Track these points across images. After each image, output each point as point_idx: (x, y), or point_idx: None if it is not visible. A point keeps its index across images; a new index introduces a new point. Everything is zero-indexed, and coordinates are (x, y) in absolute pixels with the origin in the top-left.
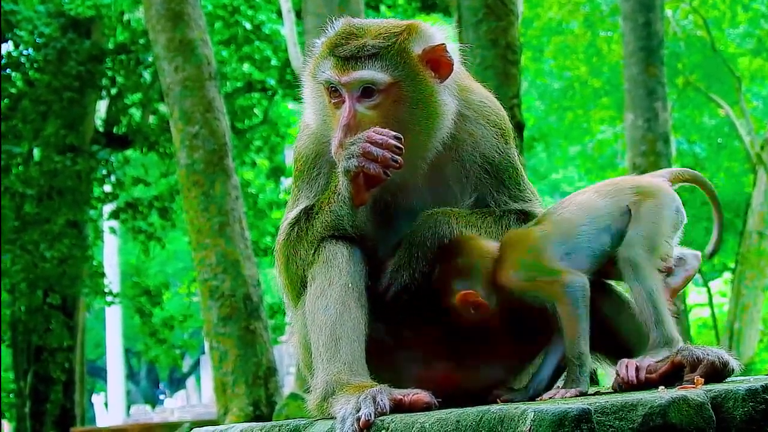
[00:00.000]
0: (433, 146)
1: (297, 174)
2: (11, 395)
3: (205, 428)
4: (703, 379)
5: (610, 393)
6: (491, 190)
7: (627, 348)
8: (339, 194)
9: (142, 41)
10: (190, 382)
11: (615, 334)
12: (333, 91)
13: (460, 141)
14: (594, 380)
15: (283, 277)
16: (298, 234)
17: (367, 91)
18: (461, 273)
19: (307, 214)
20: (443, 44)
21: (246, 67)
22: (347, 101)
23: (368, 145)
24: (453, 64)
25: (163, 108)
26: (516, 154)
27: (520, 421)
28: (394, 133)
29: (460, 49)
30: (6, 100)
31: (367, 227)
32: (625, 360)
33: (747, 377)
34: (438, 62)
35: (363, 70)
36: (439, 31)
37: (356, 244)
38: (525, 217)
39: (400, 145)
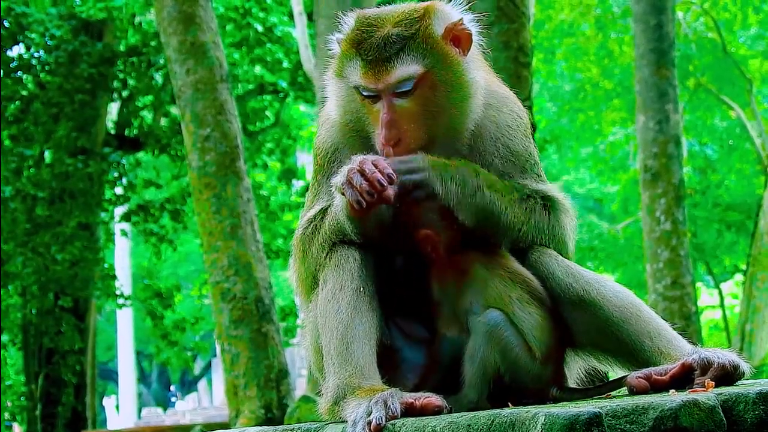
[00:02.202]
0: (469, 127)
1: (317, 168)
2: (22, 398)
3: (216, 431)
4: (713, 383)
5: (621, 396)
6: (516, 175)
7: (636, 350)
8: (337, 203)
9: (153, 43)
10: (202, 384)
11: (622, 338)
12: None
13: (483, 128)
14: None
15: (297, 271)
16: (312, 231)
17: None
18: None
19: (323, 213)
20: (461, 19)
21: (258, 69)
22: (384, 99)
23: (355, 172)
24: (472, 35)
25: (174, 110)
26: (535, 148)
27: (531, 425)
28: (389, 171)
29: (477, 19)
30: (17, 103)
31: (377, 233)
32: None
33: (758, 380)
34: (459, 38)
35: (396, 70)
36: (455, 8)
37: (369, 248)
38: (548, 202)
39: (385, 183)
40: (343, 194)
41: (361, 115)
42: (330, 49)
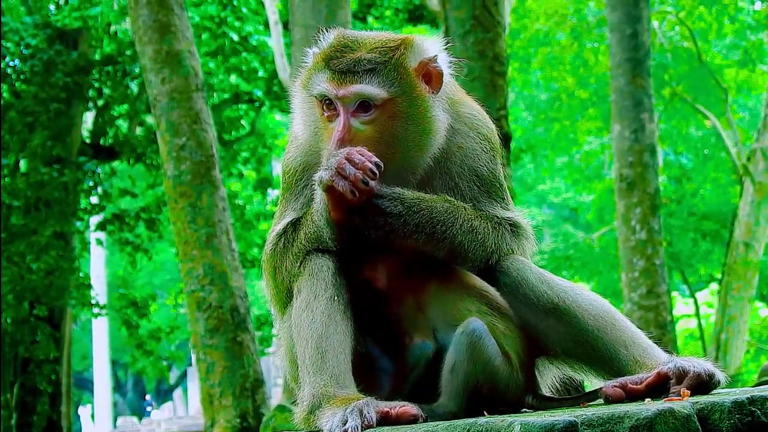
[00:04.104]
0: (424, 161)
1: (284, 186)
2: None
3: None
4: (689, 391)
5: (597, 405)
6: (483, 200)
7: (611, 359)
8: (318, 204)
9: (129, 52)
10: (177, 393)
11: (597, 347)
12: (327, 104)
13: (449, 154)
14: (580, 391)
15: (269, 287)
16: (284, 245)
17: (363, 105)
18: None
19: (294, 226)
20: (435, 56)
21: (233, 78)
22: (342, 115)
23: (345, 162)
24: (443, 75)
25: (150, 119)
26: (501, 169)
27: None
28: (376, 159)
29: (451, 62)
30: None
31: (353, 237)
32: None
33: (733, 389)
34: (430, 75)
35: (360, 84)
36: (433, 44)
37: (342, 257)
38: (516, 229)
39: (376, 171)
40: (330, 187)
41: (320, 131)
42: (304, 62)
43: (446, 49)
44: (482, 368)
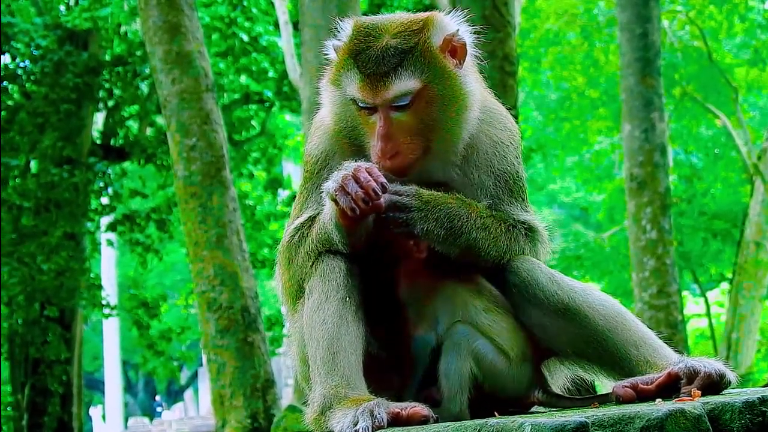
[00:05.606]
0: (464, 138)
1: (306, 176)
2: (9, 408)
3: None
4: (700, 392)
5: (608, 406)
6: (504, 198)
7: (622, 359)
8: (327, 209)
9: (139, 53)
10: (188, 394)
11: (608, 347)
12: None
13: (479, 142)
14: (592, 392)
15: (283, 279)
16: (299, 240)
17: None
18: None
19: (312, 222)
20: (458, 30)
21: (243, 78)
22: (381, 112)
23: (350, 178)
24: (466, 46)
25: (160, 120)
26: (523, 169)
27: None
28: (383, 180)
29: (472, 31)
30: (3, 113)
31: (363, 244)
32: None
33: (744, 389)
34: (455, 49)
35: (393, 85)
36: (453, 18)
37: (354, 257)
38: (530, 233)
39: (380, 192)
40: (334, 201)
41: (356, 125)
42: (325, 55)
43: (465, 20)
44: (476, 365)
